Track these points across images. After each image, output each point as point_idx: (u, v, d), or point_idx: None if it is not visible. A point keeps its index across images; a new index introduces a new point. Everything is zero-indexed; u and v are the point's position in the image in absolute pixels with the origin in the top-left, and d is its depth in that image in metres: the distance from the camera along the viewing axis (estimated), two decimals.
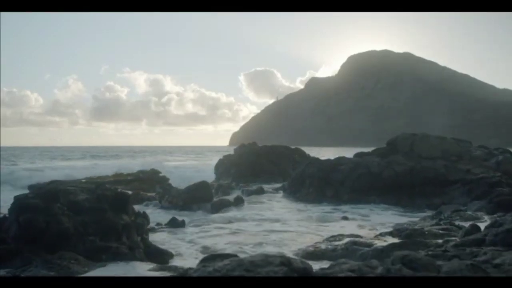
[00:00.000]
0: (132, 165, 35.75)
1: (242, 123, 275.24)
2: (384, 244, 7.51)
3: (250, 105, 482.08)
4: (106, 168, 32.34)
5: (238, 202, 14.77)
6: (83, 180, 21.94)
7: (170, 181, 21.38)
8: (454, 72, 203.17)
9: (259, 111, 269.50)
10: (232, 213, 12.94)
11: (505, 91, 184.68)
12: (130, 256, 6.85)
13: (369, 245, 7.65)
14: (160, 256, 7.45)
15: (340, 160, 17.02)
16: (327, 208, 14.09)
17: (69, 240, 6.90)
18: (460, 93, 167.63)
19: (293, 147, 28.93)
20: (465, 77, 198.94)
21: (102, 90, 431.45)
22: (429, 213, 12.55)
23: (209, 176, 25.15)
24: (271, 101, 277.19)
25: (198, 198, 14.62)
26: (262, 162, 24.95)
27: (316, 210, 13.59)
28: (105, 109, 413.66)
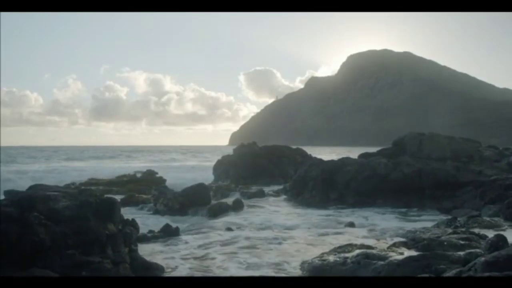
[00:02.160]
0: (130, 166, 35.18)
1: (242, 122, 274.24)
2: (400, 257, 6.70)
3: (250, 105, 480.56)
4: (104, 168, 31.75)
5: (237, 206, 13.96)
6: (82, 181, 21.28)
7: (167, 182, 20.63)
8: (454, 72, 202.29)
9: (258, 110, 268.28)
10: (231, 218, 12.14)
11: (505, 90, 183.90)
12: (114, 272, 6.07)
13: (383, 258, 6.82)
14: (148, 271, 6.65)
15: (344, 161, 16.22)
16: (332, 212, 13.32)
17: (46, 254, 6.09)
18: (460, 92, 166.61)
19: (293, 147, 28.16)
20: (465, 76, 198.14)
21: (101, 90, 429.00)
22: (441, 216, 11.83)
23: (208, 177, 24.40)
24: (270, 100, 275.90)
25: (195, 201, 13.80)
26: (262, 163, 24.15)
27: (320, 215, 12.79)
28: (105, 109, 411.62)
